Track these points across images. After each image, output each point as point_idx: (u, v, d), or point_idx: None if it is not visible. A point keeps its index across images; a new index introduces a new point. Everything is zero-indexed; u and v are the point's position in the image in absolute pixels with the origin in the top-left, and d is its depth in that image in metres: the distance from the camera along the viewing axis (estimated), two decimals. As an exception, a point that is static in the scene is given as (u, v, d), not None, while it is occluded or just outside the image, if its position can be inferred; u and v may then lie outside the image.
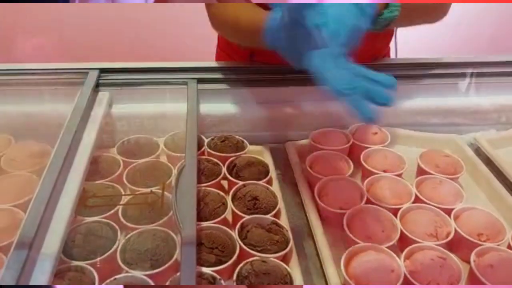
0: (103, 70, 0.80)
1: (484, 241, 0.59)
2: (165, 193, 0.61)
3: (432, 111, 0.85)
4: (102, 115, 0.72)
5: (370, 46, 0.85)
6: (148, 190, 0.63)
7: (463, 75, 0.86)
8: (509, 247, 0.58)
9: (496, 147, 0.81)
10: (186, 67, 0.82)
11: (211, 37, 0.92)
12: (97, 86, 0.77)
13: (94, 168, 0.67)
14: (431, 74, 0.86)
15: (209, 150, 0.74)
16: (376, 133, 0.79)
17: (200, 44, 0.91)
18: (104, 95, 0.76)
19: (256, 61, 0.85)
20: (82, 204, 0.59)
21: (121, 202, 0.62)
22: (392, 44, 0.96)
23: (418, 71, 0.86)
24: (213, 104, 0.80)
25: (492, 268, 0.54)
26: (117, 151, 0.72)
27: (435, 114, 0.85)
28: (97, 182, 0.65)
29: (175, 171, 0.68)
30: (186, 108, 0.74)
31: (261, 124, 0.82)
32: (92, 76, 0.77)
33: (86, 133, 0.67)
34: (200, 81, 0.80)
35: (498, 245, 0.58)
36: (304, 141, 0.80)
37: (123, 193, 0.64)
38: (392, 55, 1.00)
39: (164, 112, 0.79)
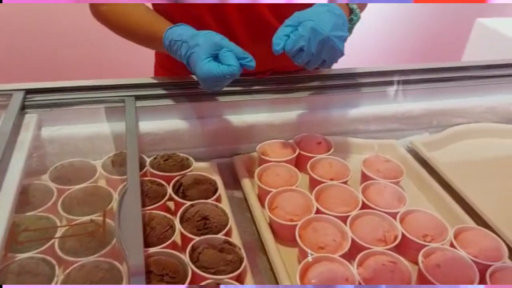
0: (29, 91, 0.74)
1: (429, 242, 0.60)
2: (107, 220, 0.57)
3: (370, 118, 0.88)
4: (30, 139, 0.67)
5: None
6: (88, 218, 0.58)
7: (396, 83, 0.90)
8: (451, 245, 0.61)
9: (431, 150, 0.85)
10: (123, 84, 0.78)
11: (149, 52, 0.89)
12: (23, 108, 0.71)
13: (25, 199, 0.61)
14: (367, 83, 0.88)
15: (152, 170, 0.71)
16: (320, 142, 0.80)
17: (137, 60, 0.88)
18: (31, 117, 0.71)
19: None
20: (13, 240, 0.53)
21: (57, 235, 0.57)
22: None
23: (354, 81, 0.89)
24: (154, 122, 0.77)
25: (440, 268, 0.56)
26: (50, 177, 0.67)
27: (373, 121, 0.88)
28: (28, 214, 0.59)
29: (116, 196, 0.64)
30: (125, 127, 0.70)
31: (206, 140, 0.80)
32: (17, 98, 0.71)
33: (13, 160, 0.61)
34: (138, 98, 0.76)
35: (442, 244, 0.60)
36: (251, 154, 0.79)
37: (59, 224, 0.59)
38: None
39: (100, 132, 0.74)
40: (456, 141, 0.90)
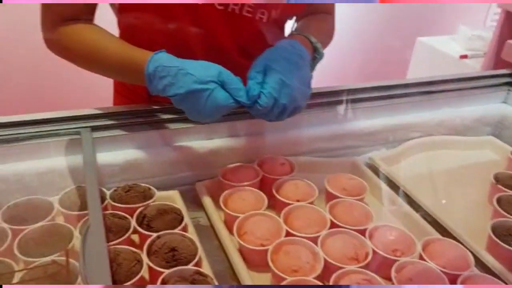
0: (-25, 127, 0.69)
1: (400, 256, 0.61)
2: (70, 260, 0.54)
3: (329, 136, 0.89)
4: (-21, 178, 0.62)
5: None
6: (48, 259, 0.54)
7: (351, 101, 0.92)
8: (420, 257, 0.62)
9: (390, 164, 0.87)
10: (78, 116, 0.74)
11: (106, 81, 0.86)
12: (-30, 145, 0.67)
13: (-25, 243, 0.56)
14: (322, 103, 0.90)
15: (113, 203, 0.67)
16: (283, 163, 0.80)
17: (93, 90, 0.85)
18: (-21, 155, 0.66)
19: (156, 101, 0.81)
20: (-36, 291, 0.49)
21: (14, 280, 0.52)
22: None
23: (310, 101, 0.90)
24: (112, 152, 0.74)
25: (412, 281, 0.57)
26: (3, 218, 0.62)
27: (332, 139, 0.90)
28: (-20, 259, 0.55)
29: (76, 233, 0.60)
30: (82, 160, 0.67)
31: (167, 168, 0.78)
32: (-39, 135, 0.67)
33: (-40, 202, 0.57)
34: (95, 129, 0.74)
35: (412, 258, 0.62)
36: (214, 180, 0.78)
37: (16, 268, 0.54)
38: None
39: (56, 167, 0.71)
40: (412, 154, 0.93)
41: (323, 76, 0.77)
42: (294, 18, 0.89)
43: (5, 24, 1.76)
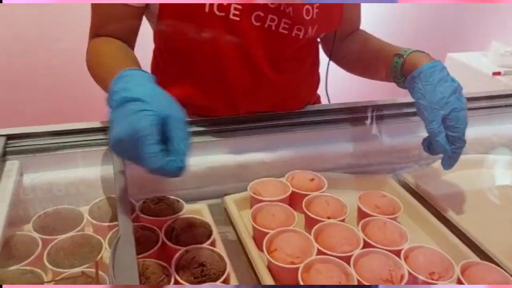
0: (10, 137, 0.70)
1: (437, 280, 0.59)
2: (99, 272, 0.53)
3: (361, 153, 0.87)
4: (12, 187, 0.63)
5: (296, 94, 0.87)
6: (78, 271, 0.54)
7: (383, 117, 0.90)
8: (459, 281, 0.59)
9: (424, 183, 0.84)
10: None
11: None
12: (4, 155, 0.68)
13: (7, 251, 0.57)
14: (354, 118, 0.89)
15: (142, 215, 0.67)
16: (313, 179, 0.78)
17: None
18: (13, 164, 0.67)
19: (188, 113, 0.81)
20: (-5, 300, 0.48)
21: (44, 290, 0.52)
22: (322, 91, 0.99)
23: (340, 116, 0.88)
24: (142, 164, 0.74)
25: (451, 307, 0.54)
26: (33, 227, 0.62)
27: (363, 156, 0.88)
28: (11, 268, 0.54)
29: (105, 244, 0.60)
30: (112, 171, 0.67)
31: (196, 180, 0.77)
32: (-3, 144, 0.68)
33: (-6, 210, 0.57)
34: (126, 140, 0.74)
35: (450, 281, 0.59)
36: (243, 194, 0.77)
37: (45, 278, 0.54)
38: (324, 101, 1.03)
39: (86, 177, 0.71)
40: (446, 172, 0.90)
41: (352, 91, 0.76)
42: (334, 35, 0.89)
43: (36, 34, 1.81)
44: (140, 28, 0.80)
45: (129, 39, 0.78)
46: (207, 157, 0.78)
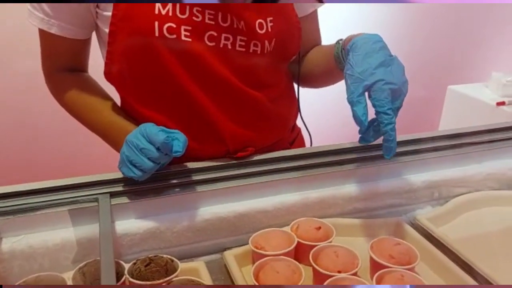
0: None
1: None
2: None
3: (368, 195, 0.81)
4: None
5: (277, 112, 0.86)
6: None
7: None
8: None
9: (438, 225, 0.78)
10: (95, 181, 0.70)
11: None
12: (-20, 218, 0.62)
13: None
14: (358, 159, 0.83)
15: (131, 279, 0.60)
16: (319, 227, 0.72)
17: (111, 153, 0.81)
18: (-11, 228, 0.61)
19: (177, 162, 0.76)
20: None
21: None
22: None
23: (345, 157, 0.83)
24: (131, 220, 0.69)
25: None
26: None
27: (371, 198, 0.81)
28: None
29: (89, 316, 0.53)
30: (98, 230, 0.61)
31: (191, 235, 0.71)
32: (-27, 206, 0.62)
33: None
34: (114, 195, 0.68)
35: None
36: (243, 248, 0.70)
37: None
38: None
39: (70, 239, 0.65)
40: (462, 212, 0.84)
41: (353, 131, 0.71)
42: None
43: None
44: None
45: (83, 64, 0.84)
46: (203, 208, 0.73)
